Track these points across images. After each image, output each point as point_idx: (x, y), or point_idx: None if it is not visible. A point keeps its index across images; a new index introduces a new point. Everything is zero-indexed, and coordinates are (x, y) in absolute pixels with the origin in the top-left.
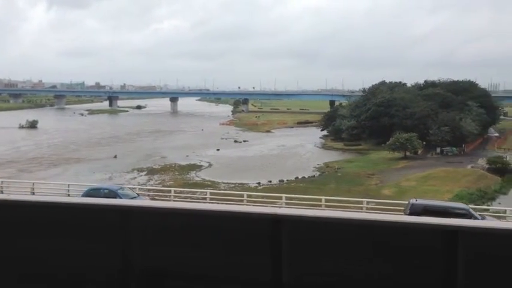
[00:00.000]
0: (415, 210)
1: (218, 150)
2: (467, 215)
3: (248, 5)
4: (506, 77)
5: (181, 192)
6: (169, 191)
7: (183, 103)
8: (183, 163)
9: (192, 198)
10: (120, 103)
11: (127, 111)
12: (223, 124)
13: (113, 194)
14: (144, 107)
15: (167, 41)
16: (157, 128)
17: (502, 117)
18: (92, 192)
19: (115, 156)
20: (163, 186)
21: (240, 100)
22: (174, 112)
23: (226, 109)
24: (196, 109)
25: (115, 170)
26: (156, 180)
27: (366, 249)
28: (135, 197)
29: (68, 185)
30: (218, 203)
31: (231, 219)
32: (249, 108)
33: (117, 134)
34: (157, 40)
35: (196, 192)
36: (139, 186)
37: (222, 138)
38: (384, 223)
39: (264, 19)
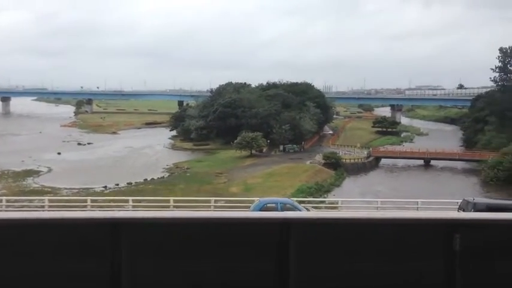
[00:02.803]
0: (479, 209)
1: (59, 154)
2: None
3: (98, 1)
4: (337, 79)
5: (15, 201)
6: (0, 201)
7: (17, 103)
8: (18, 169)
9: (30, 207)
10: None
11: None
12: (64, 126)
13: (294, 207)
14: None
15: (3, 35)
16: None
17: (335, 116)
18: (269, 206)
19: None
20: None
21: (83, 100)
22: (6, 113)
23: (68, 110)
24: (34, 110)
25: None
26: None
27: (210, 246)
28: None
29: None
30: (57, 211)
31: (64, 227)
32: (94, 109)
33: None
34: None
35: (34, 200)
36: None
37: (64, 141)
38: (227, 220)
39: (114, 16)
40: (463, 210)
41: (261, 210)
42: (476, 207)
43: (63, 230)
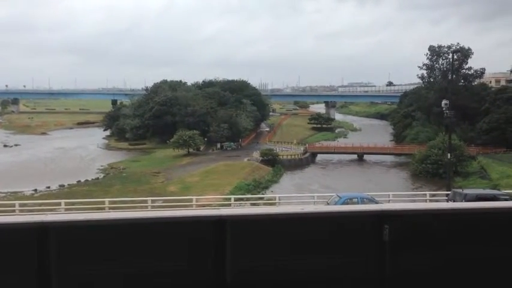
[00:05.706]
0: (469, 199)
1: None
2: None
3: None
4: (273, 76)
5: None
6: None
7: None
8: None
9: None
10: None
11: None
12: None
13: (371, 201)
14: None
15: None
16: None
17: (271, 113)
18: (349, 201)
19: None
20: None
21: (8, 100)
22: None
23: None
24: None
25: None
26: None
27: (145, 246)
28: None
29: None
30: None
31: None
32: (21, 109)
33: None
34: None
35: None
36: None
37: None
38: (161, 219)
39: (46, 12)
40: (453, 201)
41: (343, 204)
42: (467, 198)
43: None
